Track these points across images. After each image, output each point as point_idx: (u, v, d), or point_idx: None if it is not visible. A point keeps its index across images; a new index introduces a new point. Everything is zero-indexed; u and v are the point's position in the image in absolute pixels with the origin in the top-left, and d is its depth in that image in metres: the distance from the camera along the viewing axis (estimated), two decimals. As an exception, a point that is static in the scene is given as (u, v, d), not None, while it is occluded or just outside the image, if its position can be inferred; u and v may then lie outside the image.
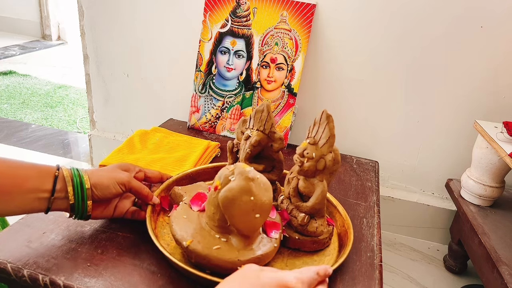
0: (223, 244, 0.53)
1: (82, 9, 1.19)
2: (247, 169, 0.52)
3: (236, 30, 1.02)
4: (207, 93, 1.06)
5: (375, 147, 1.11)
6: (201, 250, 0.52)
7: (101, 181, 0.56)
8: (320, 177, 0.59)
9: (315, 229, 0.60)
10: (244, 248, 0.53)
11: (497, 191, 0.92)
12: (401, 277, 1.02)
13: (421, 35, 0.98)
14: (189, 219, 0.57)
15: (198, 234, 0.54)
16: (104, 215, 0.60)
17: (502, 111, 0.99)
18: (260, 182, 0.52)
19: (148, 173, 0.66)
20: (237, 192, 0.50)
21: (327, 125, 0.57)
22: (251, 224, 0.52)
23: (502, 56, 0.96)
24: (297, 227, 0.61)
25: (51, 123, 1.78)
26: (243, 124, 0.69)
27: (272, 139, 0.65)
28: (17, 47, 2.90)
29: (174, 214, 0.58)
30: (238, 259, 0.52)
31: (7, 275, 0.53)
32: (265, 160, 0.68)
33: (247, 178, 0.50)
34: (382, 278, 0.59)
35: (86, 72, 1.27)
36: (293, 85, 1.01)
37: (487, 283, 0.80)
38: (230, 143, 0.70)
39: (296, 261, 0.60)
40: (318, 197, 0.58)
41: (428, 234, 1.15)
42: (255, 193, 0.50)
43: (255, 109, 0.66)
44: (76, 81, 2.31)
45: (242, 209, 0.50)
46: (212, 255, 0.52)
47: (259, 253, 0.54)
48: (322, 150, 0.57)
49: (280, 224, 0.59)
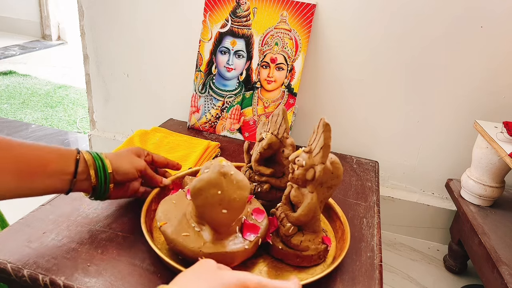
0: (193, 233, 0.54)
1: (82, 9, 1.19)
2: (223, 163, 0.52)
3: (236, 30, 1.02)
4: (207, 93, 1.06)
5: (375, 147, 1.11)
6: (169, 234, 0.54)
7: (121, 167, 0.60)
8: (311, 188, 0.55)
9: (299, 243, 0.57)
10: (212, 242, 0.53)
11: (497, 191, 0.92)
12: (401, 277, 1.02)
13: (421, 35, 0.98)
14: (177, 205, 0.59)
15: (176, 219, 0.56)
16: (121, 195, 0.64)
17: (502, 111, 0.99)
18: (233, 178, 0.51)
19: (154, 157, 0.68)
20: (205, 183, 0.50)
21: (322, 134, 0.53)
22: (217, 218, 0.52)
23: (502, 56, 0.96)
24: (282, 237, 0.59)
25: (51, 123, 1.78)
26: (263, 126, 0.68)
27: (283, 144, 0.64)
28: (17, 47, 2.90)
29: (166, 198, 0.61)
30: (200, 250, 0.52)
31: (7, 275, 0.53)
32: (276, 165, 0.66)
33: (218, 172, 0.51)
34: (382, 278, 0.59)
35: (86, 72, 1.27)
36: (293, 85, 1.01)
37: (487, 283, 0.80)
38: (246, 143, 0.70)
39: (274, 271, 0.58)
40: (304, 209, 0.56)
41: (428, 234, 1.15)
42: (224, 188, 0.50)
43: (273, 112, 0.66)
44: (76, 81, 2.31)
45: (208, 201, 0.50)
46: (178, 240, 0.53)
47: (223, 250, 0.53)
48: (314, 160, 0.54)
49: (260, 228, 0.57)
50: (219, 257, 0.51)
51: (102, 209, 0.67)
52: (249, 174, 0.68)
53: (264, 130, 0.67)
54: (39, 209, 0.65)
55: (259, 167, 0.65)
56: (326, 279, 0.56)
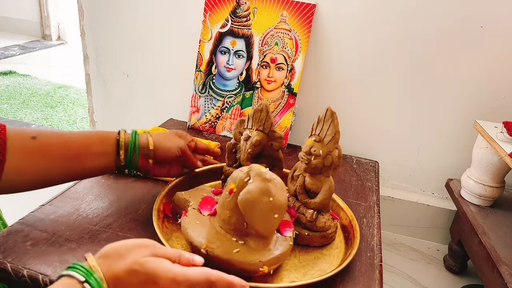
0: (241, 247, 0.53)
1: (82, 9, 1.19)
2: (263, 170, 0.52)
3: (236, 30, 1.02)
4: (207, 93, 1.06)
5: (375, 147, 1.11)
6: (222, 255, 0.52)
7: (163, 144, 0.64)
8: (327, 173, 0.60)
9: (324, 224, 0.61)
10: (263, 249, 0.53)
11: (497, 191, 0.92)
12: (401, 277, 1.02)
13: (421, 35, 0.98)
14: (202, 224, 0.56)
15: (215, 238, 0.54)
16: (163, 174, 0.67)
17: (502, 111, 0.99)
18: (277, 182, 0.52)
19: (198, 144, 0.71)
20: (257, 194, 0.50)
21: (332, 122, 0.58)
22: (270, 225, 0.52)
23: (502, 56, 0.96)
24: (306, 224, 0.62)
25: (51, 123, 1.78)
26: (240, 125, 0.69)
27: (272, 138, 0.66)
28: (17, 47, 2.90)
29: (186, 221, 0.57)
30: (259, 261, 0.52)
31: (7, 275, 0.53)
32: (265, 159, 0.68)
33: (265, 179, 0.51)
34: (382, 278, 0.59)
35: (86, 72, 1.27)
36: (293, 85, 1.01)
37: (487, 283, 0.80)
38: (229, 143, 0.70)
39: (308, 257, 0.61)
40: (325, 193, 0.60)
41: (428, 234, 1.15)
42: (273, 194, 0.50)
43: (253, 109, 0.66)
44: (76, 81, 2.31)
45: (262, 210, 0.50)
46: (234, 259, 0.51)
47: (277, 252, 0.54)
48: (328, 147, 0.59)
49: (291, 222, 0.60)
50: (275, 262, 0.53)
51: (102, 209, 0.67)
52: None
53: (244, 128, 0.67)
54: (39, 209, 0.65)
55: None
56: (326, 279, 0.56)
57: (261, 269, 0.49)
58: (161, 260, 0.41)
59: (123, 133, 0.62)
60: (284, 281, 0.56)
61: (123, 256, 0.40)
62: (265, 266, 0.52)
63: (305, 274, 0.58)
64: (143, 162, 0.63)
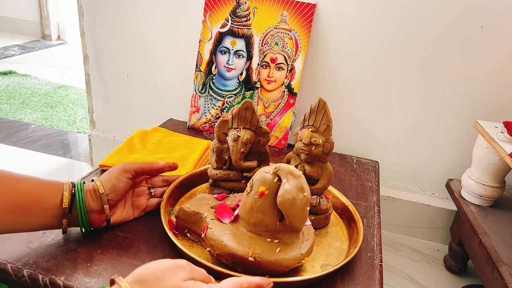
0: (280, 245, 0.54)
1: (82, 9, 1.19)
2: (291, 168, 0.53)
3: (236, 30, 1.02)
4: (207, 93, 1.06)
5: (375, 147, 1.11)
6: (269, 258, 0.52)
7: (110, 178, 0.58)
8: (324, 159, 0.65)
9: (327, 206, 0.67)
10: (297, 242, 0.55)
11: (497, 191, 0.92)
12: (401, 277, 1.02)
13: (421, 35, 0.98)
14: (232, 233, 0.55)
15: (254, 244, 0.53)
16: (124, 217, 0.62)
17: (502, 111, 0.99)
18: (302, 176, 0.54)
19: (144, 166, 0.63)
20: (295, 192, 0.51)
21: (325, 112, 0.63)
22: (305, 219, 0.53)
23: (502, 56, 0.96)
24: (311, 209, 0.65)
25: (51, 123, 1.78)
26: (224, 125, 0.67)
27: (259, 134, 0.67)
28: (17, 47, 2.90)
29: (215, 233, 0.55)
30: (301, 254, 0.54)
31: (7, 275, 0.53)
32: (253, 155, 0.69)
33: (296, 176, 0.52)
34: (382, 278, 0.59)
35: (86, 72, 1.27)
36: (293, 85, 1.01)
37: (487, 283, 0.80)
38: (218, 147, 0.68)
39: (322, 239, 0.66)
40: (326, 178, 0.66)
41: (428, 234, 1.15)
42: (305, 189, 0.52)
43: (238, 107, 0.66)
44: (76, 81, 2.31)
45: (300, 207, 0.51)
46: (281, 258, 0.52)
47: (309, 243, 0.56)
48: (325, 135, 0.63)
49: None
50: (310, 251, 0.56)
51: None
52: (234, 175, 0.69)
53: (228, 128, 0.67)
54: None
55: (246, 163, 0.68)
56: (326, 279, 0.56)
57: (302, 261, 0.52)
58: (200, 284, 0.40)
59: (69, 186, 0.55)
60: (315, 267, 0.59)
61: (160, 279, 0.38)
62: (305, 257, 0.54)
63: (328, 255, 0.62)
64: (96, 216, 0.57)
